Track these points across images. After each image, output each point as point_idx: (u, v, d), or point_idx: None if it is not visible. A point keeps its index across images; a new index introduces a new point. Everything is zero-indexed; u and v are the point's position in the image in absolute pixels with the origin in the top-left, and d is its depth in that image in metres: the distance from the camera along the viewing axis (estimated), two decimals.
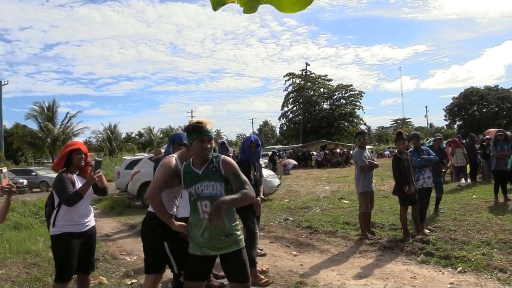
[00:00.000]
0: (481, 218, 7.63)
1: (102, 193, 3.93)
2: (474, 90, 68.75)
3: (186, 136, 2.97)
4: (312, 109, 53.20)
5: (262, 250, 6.28)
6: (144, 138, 59.48)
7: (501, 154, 9.08)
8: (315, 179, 19.48)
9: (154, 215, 3.16)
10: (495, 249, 5.61)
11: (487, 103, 66.72)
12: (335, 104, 53.69)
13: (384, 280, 4.76)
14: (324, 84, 55.03)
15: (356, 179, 7.01)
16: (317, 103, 53.50)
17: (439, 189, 8.30)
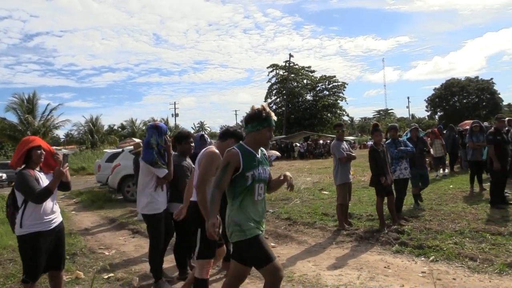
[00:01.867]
0: (456, 207, 7.81)
1: (66, 188, 3.84)
2: (455, 81, 69.73)
3: (254, 121, 2.99)
4: (295, 100, 53.31)
5: None
6: (127, 130, 58.82)
7: (477, 145, 9.27)
8: (298, 171, 19.59)
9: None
10: (467, 238, 5.77)
11: (468, 94, 67.80)
12: (318, 96, 53.90)
13: (358, 270, 4.86)
14: (307, 75, 55.15)
15: (334, 171, 7.09)
16: (300, 95, 53.62)
17: (425, 182, 8.31)
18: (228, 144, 3.75)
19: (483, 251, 5.17)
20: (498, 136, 7.74)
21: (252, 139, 3.02)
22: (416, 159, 7.88)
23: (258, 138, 3.01)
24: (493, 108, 62.06)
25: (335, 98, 53.39)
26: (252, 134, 3.01)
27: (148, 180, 4.51)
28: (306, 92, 54.50)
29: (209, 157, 3.51)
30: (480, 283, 4.28)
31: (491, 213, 7.15)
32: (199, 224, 3.47)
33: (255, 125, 2.99)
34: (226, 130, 3.95)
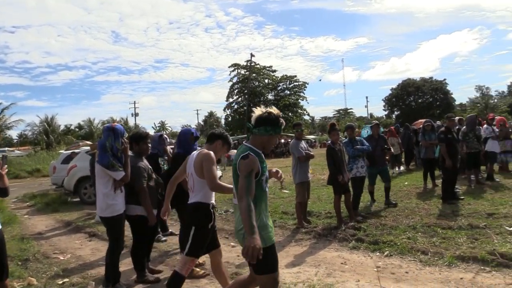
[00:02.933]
0: (410, 203, 8.11)
1: (3, 194, 3.60)
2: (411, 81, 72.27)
3: (269, 125, 2.94)
4: (257, 99, 53.48)
5: None
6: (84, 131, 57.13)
7: (429, 143, 9.68)
8: None
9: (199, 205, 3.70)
10: (419, 233, 6.01)
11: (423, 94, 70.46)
12: (279, 95, 54.44)
13: (316, 267, 4.96)
14: (269, 75, 55.56)
15: (293, 169, 7.20)
16: (262, 94, 53.96)
17: (387, 178, 8.24)
18: (216, 146, 3.95)
19: (434, 245, 5.41)
20: (449, 135, 8.11)
21: (260, 141, 2.97)
22: (376, 156, 8.03)
23: (266, 142, 2.99)
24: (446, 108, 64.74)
25: (296, 97, 54.09)
26: (261, 137, 2.96)
27: (105, 182, 4.42)
28: (267, 91, 54.92)
29: (209, 159, 3.66)
30: (431, 276, 4.48)
31: (443, 208, 7.48)
32: (195, 223, 3.66)
33: (269, 129, 2.94)
34: (212, 133, 4.06)
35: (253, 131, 2.98)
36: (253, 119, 2.98)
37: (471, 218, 6.54)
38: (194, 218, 3.71)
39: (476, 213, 6.85)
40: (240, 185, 2.78)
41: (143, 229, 4.69)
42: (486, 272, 4.45)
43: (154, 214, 4.66)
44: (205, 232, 3.73)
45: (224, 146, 4.02)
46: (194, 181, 3.76)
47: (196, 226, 3.65)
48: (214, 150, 3.86)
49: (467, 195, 8.39)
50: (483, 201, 7.73)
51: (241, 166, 2.82)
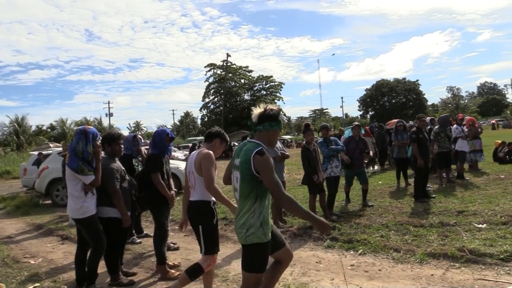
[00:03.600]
0: (384, 202, 8.26)
1: None
2: (385, 82, 73.75)
3: (273, 120, 3.00)
4: (233, 100, 53.48)
5: (176, 244, 6.27)
6: (57, 131, 55.80)
7: (401, 143, 9.89)
8: None
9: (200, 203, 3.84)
10: (392, 231, 6.13)
11: (396, 94, 71.99)
12: (256, 95, 54.44)
13: (291, 266, 4.99)
14: (245, 75, 55.51)
15: None
16: (238, 94, 53.88)
17: (364, 180, 8.18)
18: (215, 144, 4.07)
19: (406, 243, 5.53)
20: (420, 135, 8.31)
21: (266, 137, 3.00)
22: (355, 159, 7.93)
23: (272, 137, 3.04)
24: (418, 108, 66.32)
25: (272, 97, 54.19)
26: (267, 133, 3.00)
27: (75, 185, 4.35)
28: (243, 91, 54.87)
29: (208, 158, 3.81)
30: (403, 273, 4.58)
31: (415, 206, 7.64)
32: (200, 221, 3.81)
33: (274, 124, 3.01)
34: (209, 132, 4.14)
35: (257, 128, 3.00)
36: (255, 117, 3.02)
37: (442, 216, 6.71)
38: (198, 216, 3.85)
39: (446, 211, 7.04)
40: (272, 182, 2.77)
41: (117, 232, 4.62)
42: (455, 268, 4.58)
43: (128, 216, 4.60)
44: (213, 227, 3.86)
45: (222, 144, 4.14)
46: (195, 179, 3.88)
47: (203, 224, 3.80)
48: (213, 148, 4.01)
49: (439, 194, 8.60)
50: (453, 199, 7.94)
51: (261, 163, 2.80)
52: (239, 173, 2.92)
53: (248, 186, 2.86)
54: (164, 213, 5.08)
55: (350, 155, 7.86)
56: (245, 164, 2.86)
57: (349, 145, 8.01)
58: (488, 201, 7.51)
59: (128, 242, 6.20)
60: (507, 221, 6.03)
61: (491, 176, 10.40)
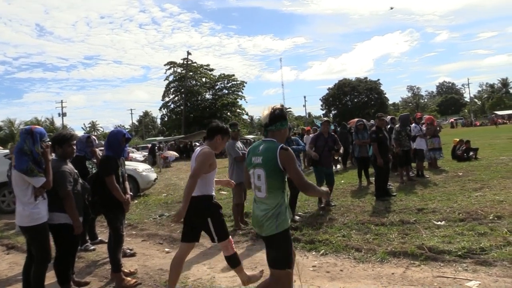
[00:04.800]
0: (346, 201, 8.41)
1: None
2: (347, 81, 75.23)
3: (284, 120, 3.28)
4: (194, 99, 53.13)
5: (132, 250, 6.11)
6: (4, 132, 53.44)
7: (362, 142, 10.12)
8: None
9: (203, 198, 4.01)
10: (354, 230, 6.25)
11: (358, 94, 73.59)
12: (217, 94, 54.33)
13: (252, 270, 4.96)
14: (206, 73, 55.25)
15: (230, 170, 7.19)
16: (199, 93, 53.57)
17: (331, 181, 8.18)
18: (216, 141, 4.17)
19: (367, 242, 5.64)
20: (380, 134, 8.52)
21: (279, 135, 3.27)
22: (323, 157, 7.87)
23: (283, 135, 3.33)
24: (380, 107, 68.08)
25: (234, 96, 54.25)
26: (279, 132, 3.27)
27: (24, 189, 4.08)
28: (205, 90, 54.59)
29: (206, 156, 3.96)
30: (364, 272, 4.66)
31: (376, 205, 7.83)
32: (208, 215, 4.00)
33: (284, 123, 3.29)
34: (210, 128, 4.22)
35: (270, 128, 3.26)
36: (265, 119, 3.28)
37: (402, 214, 6.90)
38: (204, 211, 4.03)
39: (407, 209, 7.25)
40: (299, 175, 3.11)
41: (68, 239, 4.43)
42: (415, 266, 4.70)
43: (80, 222, 4.42)
44: (220, 216, 4.11)
45: (224, 139, 4.25)
46: None
47: (211, 216, 4.01)
48: (214, 145, 4.16)
49: (399, 192, 8.86)
50: (413, 197, 8.19)
51: (287, 157, 3.10)
52: (263, 170, 3.17)
53: (278, 180, 3.16)
54: (119, 218, 4.93)
55: (318, 153, 7.84)
56: (271, 160, 3.13)
57: (318, 142, 8.02)
58: (446, 198, 7.80)
59: (81, 249, 6.00)
60: (464, 218, 6.28)
61: (449, 174, 10.82)
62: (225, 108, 52.54)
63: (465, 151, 13.54)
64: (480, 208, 6.68)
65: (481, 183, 9.02)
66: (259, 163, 3.21)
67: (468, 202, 7.30)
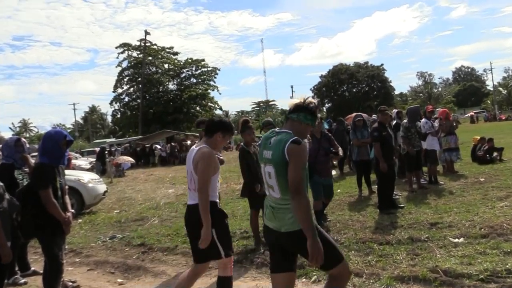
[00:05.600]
0: (343, 216, 8.47)
1: None
2: (343, 67, 75.88)
3: (309, 113, 3.42)
4: (154, 90, 52.88)
5: (75, 282, 6.03)
6: None
7: (362, 142, 10.15)
8: (158, 181, 19.52)
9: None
10: (353, 251, 6.29)
11: (357, 82, 74.35)
12: (183, 84, 54.24)
13: None
14: (169, 58, 55.08)
15: None
16: (160, 83, 53.34)
17: (329, 194, 8.00)
18: (216, 139, 4.26)
19: (369, 265, 5.68)
20: (383, 132, 8.58)
21: (298, 128, 3.40)
22: (318, 163, 7.49)
23: (304, 131, 3.45)
24: (384, 98, 68.93)
25: (205, 87, 54.25)
26: (299, 124, 3.41)
27: None
28: (168, 79, 54.43)
29: (207, 158, 4.09)
30: None
31: (380, 219, 7.90)
32: (212, 226, 4.07)
33: (309, 118, 3.43)
34: (210, 123, 4.38)
35: (291, 116, 3.43)
36: (290, 105, 3.46)
37: (412, 230, 6.98)
38: (199, 221, 4.09)
39: (417, 223, 7.33)
40: (298, 177, 3.17)
41: None
42: None
43: (8, 248, 4.34)
44: (225, 227, 4.29)
45: (225, 137, 4.35)
46: (194, 180, 4.18)
47: (216, 228, 4.11)
48: (214, 144, 4.27)
49: (408, 203, 8.97)
50: (425, 209, 8.30)
51: (294, 152, 3.21)
52: (273, 167, 3.33)
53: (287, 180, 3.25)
54: (57, 242, 4.86)
55: (312, 158, 7.28)
56: (279, 156, 3.27)
57: (309, 145, 7.86)
58: (465, 209, 7.92)
59: (8, 283, 5.90)
60: (487, 233, 6.37)
61: (469, 180, 11.00)
62: (193, 101, 52.42)
63: (487, 152, 13.67)
64: (506, 221, 6.77)
65: (507, 190, 9.17)
66: (269, 159, 3.38)
67: (491, 214, 7.40)
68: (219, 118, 4.45)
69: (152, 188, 16.92)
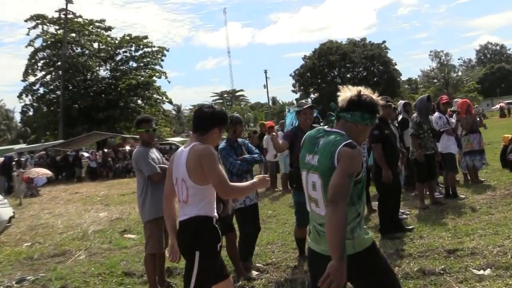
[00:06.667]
0: None
1: None
2: (333, 45, 76.38)
3: (370, 112, 3.53)
4: (79, 78, 52.27)
5: None
6: None
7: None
8: (85, 202, 19.29)
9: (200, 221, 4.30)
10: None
11: (352, 65, 75.01)
12: (119, 70, 53.84)
13: None
14: (100, 35, 54.59)
15: (141, 197, 7.06)
16: (88, 68, 52.80)
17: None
18: (212, 136, 4.45)
19: None
20: (386, 130, 8.63)
21: (353, 131, 3.49)
22: None
23: (360, 134, 3.57)
24: (387, 85, 69.59)
25: (148, 73, 53.94)
26: (355, 126, 3.50)
27: None
28: (98, 63, 53.90)
29: (210, 155, 4.21)
30: None
31: (382, 246, 7.90)
32: (199, 247, 4.27)
33: (367, 117, 3.53)
34: (202, 116, 4.45)
35: (343, 115, 3.52)
36: (343, 101, 3.53)
37: (423, 260, 7.03)
38: (196, 239, 4.28)
39: (431, 251, 7.39)
40: (340, 183, 3.24)
41: None
42: None
43: None
44: (215, 255, 4.39)
45: (221, 131, 4.55)
46: (188, 189, 4.28)
47: (201, 251, 4.24)
48: (209, 142, 4.41)
49: (419, 223, 9.09)
50: (441, 232, 8.39)
51: (347, 157, 3.29)
52: (320, 176, 3.45)
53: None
54: None
55: (296, 168, 7.04)
56: (328, 161, 3.38)
57: (297, 142, 7.53)
58: (493, 232, 8.02)
59: None
60: None
61: (498, 192, 11.16)
62: (133, 92, 51.98)
63: None
64: None
65: None
66: (315, 165, 3.49)
67: None
68: (209, 109, 4.50)
69: (78, 211, 16.71)
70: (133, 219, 13.34)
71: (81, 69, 52.21)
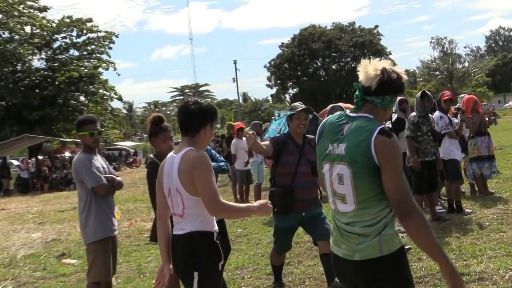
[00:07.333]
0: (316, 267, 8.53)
1: None
2: (316, 30, 76.63)
3: (396, 93, 3.64)
4: (8, 69, 51.84)
5: None
6: None
7: None
8: (13, 220, 19.23)
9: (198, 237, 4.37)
10: None
11: (339, 54, 75.29)
12: (58, 59, 53.48)
13: None
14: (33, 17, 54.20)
15: (83, 214, 7.05)
16: (19, 58, 52.37)
17: (323, 232, 7.15)
18: (205, 134, 4.51)
19: None
20: None
21: (381, 116, 3.66)
22: (298, 185, 7.22)
23: (382, 119, 3.74)
24: None
25: (93, 63, 53.66)
26: (386, 111, 3.72)
27: None
28: (31, 51, 53.50)
29: (204, 165, 4.27)
30: None
31: None
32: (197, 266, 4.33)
33: (394, 100, 3.68)
34: (189, 117, 4.49)
35: (371, 100, 3.56)
36: (370, 79, 3.51)
37: (422, 286, 7.15)
38: (195, 258, 4.35)
39: (431, 275, 7.51)
40: (402, 187, 3.36)
41: None
42: None
43: None
44: (216, 276, 4.49)
45: (212, 129, 4.64)
46: (183, 200, 4.33)
47: (200, 270, 4.30)
48: (201, 142, 4.53)
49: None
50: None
51: (391, 151, 3.37)
52: (349, 166, 3.44)
53: (375, 184, 3.41)
54: None
55: (287, 176, 7.28)
56: (361, 150, 3.38)
57: (285, 153, 7.45)
58: (505, 252, 8.15)
59: None
60: None
61: (510, 205, 11.29)
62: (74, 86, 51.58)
63: None
64: None
65: None
66: (341, 155, 3.49)
67: None
68: (195, 105, 4.48)
69: (4, 231, 16.63)
70: (73, 241, 13.28)
71: (9, 58, 51.65)
